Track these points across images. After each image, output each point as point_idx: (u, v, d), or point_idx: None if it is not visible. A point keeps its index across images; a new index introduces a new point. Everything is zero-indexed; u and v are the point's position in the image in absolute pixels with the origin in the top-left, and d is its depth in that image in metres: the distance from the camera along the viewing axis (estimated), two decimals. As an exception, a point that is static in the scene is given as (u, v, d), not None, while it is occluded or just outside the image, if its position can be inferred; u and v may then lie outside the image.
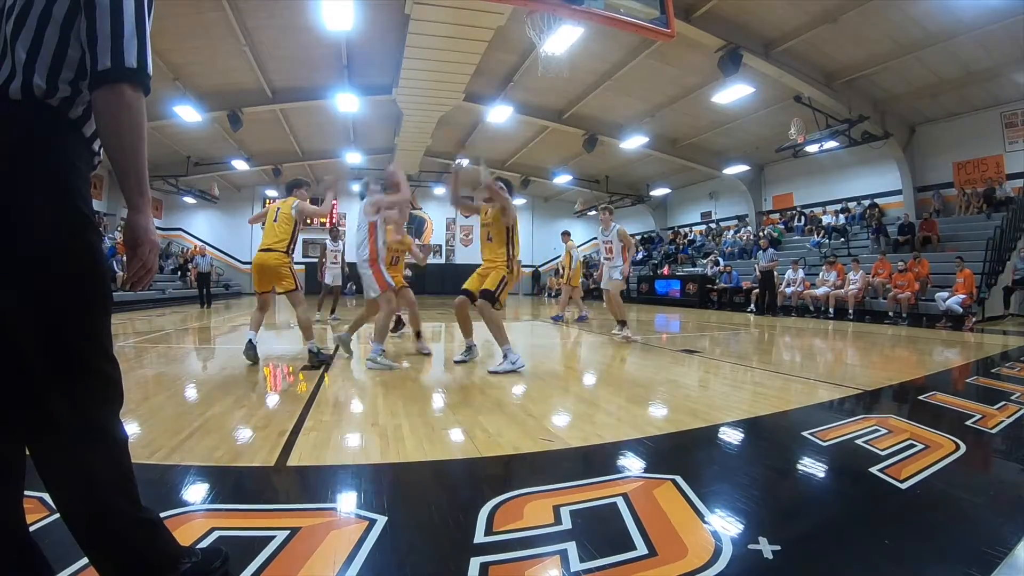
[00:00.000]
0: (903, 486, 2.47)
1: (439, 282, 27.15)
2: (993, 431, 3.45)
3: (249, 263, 26.69)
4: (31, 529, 1.58)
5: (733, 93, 14.98)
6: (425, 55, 12.43)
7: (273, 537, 1.88)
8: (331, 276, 12.22)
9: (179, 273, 21.84)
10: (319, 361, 5.78)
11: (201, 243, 25.81)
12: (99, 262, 1.35)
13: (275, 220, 6.06)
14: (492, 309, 5.57)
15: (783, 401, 4.30)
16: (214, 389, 4.51)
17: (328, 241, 12.43)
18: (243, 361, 5.78)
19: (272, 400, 4.26)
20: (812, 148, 15.96)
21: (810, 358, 7.29)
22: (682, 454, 3.06)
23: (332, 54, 14.10)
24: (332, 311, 12.30)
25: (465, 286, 5.95)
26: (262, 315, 6.16)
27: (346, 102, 15.89)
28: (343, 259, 12.38)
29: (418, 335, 7.21)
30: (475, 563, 1.76)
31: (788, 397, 4.47)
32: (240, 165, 22.02)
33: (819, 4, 11.24)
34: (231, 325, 11.33)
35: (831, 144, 15.37)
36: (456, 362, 6.04)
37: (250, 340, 5.86)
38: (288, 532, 1.92)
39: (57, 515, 1.50)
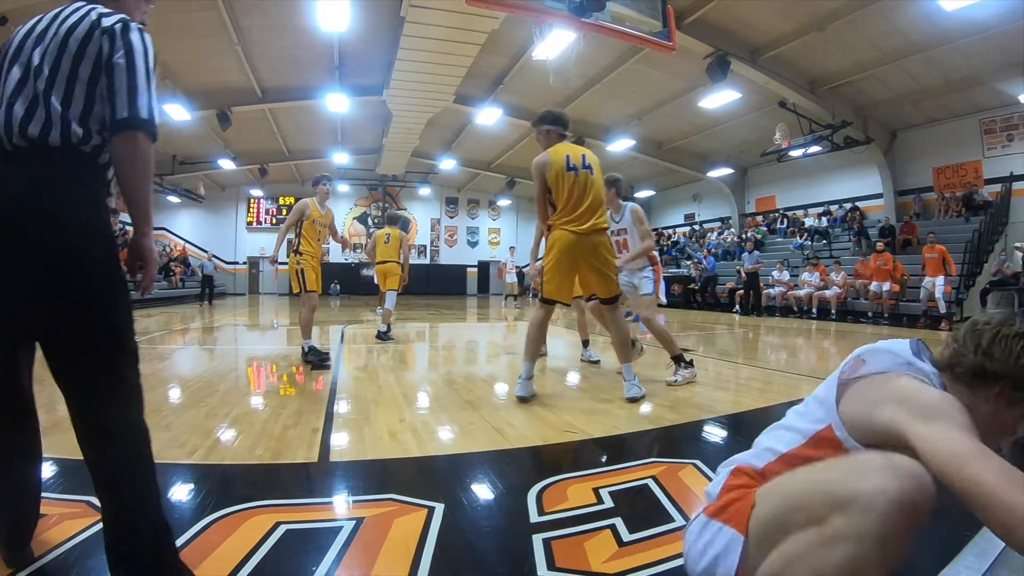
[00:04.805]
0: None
1: (423, 283, 27.32)
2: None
3: (234, 263, 26.78)
4: (82, 535, 1.87)
5: (720, 98, 15.32)
6: (418, 57, 12.51)
7: (341, 528, 2.00)
8: None
9: (163, 274, 21.51)
10: (316, 360, 5.81)
11: (184, 243, 25.78)
12: (121, 267, 1.63)
13: None
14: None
15: (779, 394, 4.52)
16: (230, 389, 4.61)
17: None
18: (250, 359, 5.87)
19: (292, 399, 4.35)
20: (796, 153, 16.30)
21: (798, 355, 7.55)
22: (696, 442, 3.30)
23: (324, 54, 14.14)
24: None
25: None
26: (309, 315, 6.14)
27: (336, 103, 15.91)
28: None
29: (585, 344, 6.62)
30: (537, 539, 1.93)
31: (782, 391, 4.69)
32: (226, 164, 21.87)
33: (807, 13, 11.53)
34: (231, 323, 11.37)
35: (814, 149, 15.71)
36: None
37: (312, 347, 5.97)
38: (354, 522, 2.04)
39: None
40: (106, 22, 1.55)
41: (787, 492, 1.28)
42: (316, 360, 5.81)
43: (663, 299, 5.49)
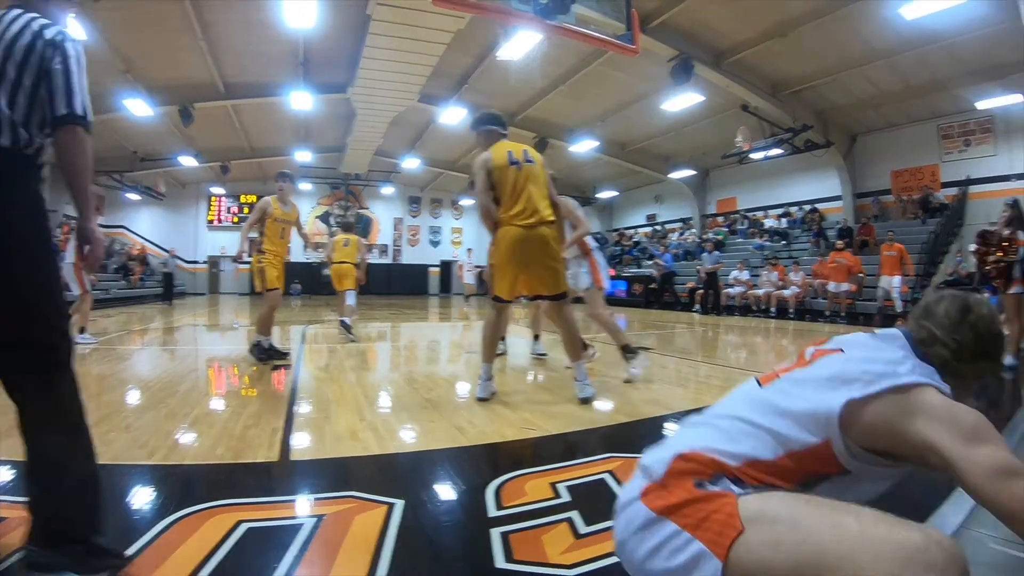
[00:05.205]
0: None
1: (385, 282, 27.18)
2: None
3: (194, 262, 26.26)
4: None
5: (683, 101, 15.60)
6: (383, 56, 12.48)
7: (301, 525, 2.02)
8: None
9: (123, 273, 20.98)
10: (259, 356, 5.86)
11: (144, 241, 25.22)
12: (56, 257, 1.81)
13: None
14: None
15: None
16: (191, 389, 4.56)
17: None
18: (210, 360, 5.82)
19: (253, 399, 4.34)
20: (757, 155, 16.61)
21: (758, 353, 7.73)
22: (654, 437, 3.34)
23: (289, 51, 13.98)
24: None
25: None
26: (268, 313, 6.12)
27: (300, 100, 15.70)
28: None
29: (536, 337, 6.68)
30: (495, 533, 1.98)
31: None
32: (188, 161, 21.32)
33: (770, 20, 11.83)
34: (191, 324, 11.20)
35: (775, 151, 16.04)
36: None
37: (258, 343, 5.96)
38: (315, 519, 2.07)
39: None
40: (47, 34, 1.71)
41: (799, 543, 1.12)
42: (259, 355, 5.83)
43: (606, 285, 5.53)
